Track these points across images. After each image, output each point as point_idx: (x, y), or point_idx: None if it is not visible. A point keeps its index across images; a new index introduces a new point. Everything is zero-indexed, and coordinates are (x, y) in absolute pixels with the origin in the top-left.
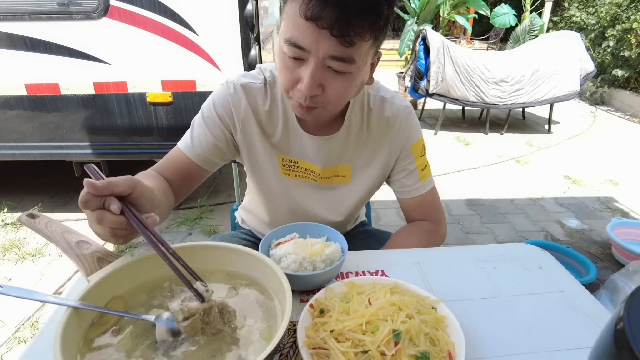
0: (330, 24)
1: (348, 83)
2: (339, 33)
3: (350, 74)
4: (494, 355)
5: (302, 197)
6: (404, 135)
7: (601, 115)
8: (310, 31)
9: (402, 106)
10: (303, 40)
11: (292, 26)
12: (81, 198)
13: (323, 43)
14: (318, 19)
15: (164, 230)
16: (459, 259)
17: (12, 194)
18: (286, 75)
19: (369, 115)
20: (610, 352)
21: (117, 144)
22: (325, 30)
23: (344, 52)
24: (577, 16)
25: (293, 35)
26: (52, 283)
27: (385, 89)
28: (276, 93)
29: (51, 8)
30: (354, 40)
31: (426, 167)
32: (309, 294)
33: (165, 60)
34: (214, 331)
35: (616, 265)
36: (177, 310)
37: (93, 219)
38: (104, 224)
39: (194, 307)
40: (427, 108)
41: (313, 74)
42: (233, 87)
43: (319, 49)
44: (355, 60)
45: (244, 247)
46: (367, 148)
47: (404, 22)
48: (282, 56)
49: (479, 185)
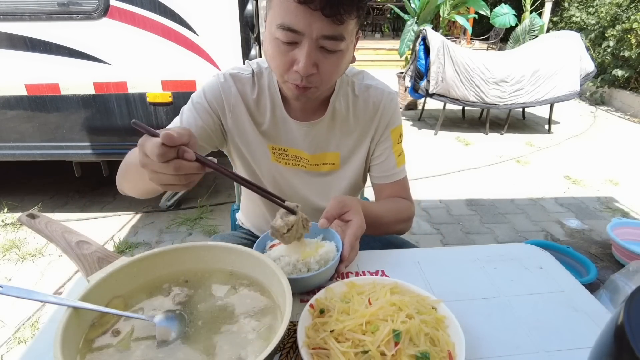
0: (322, 5)
1: (339, 60)
2: (331, 12)
3: (340, 51)
4: (494, 355)
5: (295, 185)
6: (386, 119)
7: (601, 115)
8: (303, 14)
9: (386, 91)
10: (296, 23)
11: (284, 11)
12: (157, 151)
13: (316, 24)
14: (310, 2)
15: (164, 230)
16: (459, 259)
17: (12, 194)
18: (281, 60)
19: (355, 102)
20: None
21: (117, 144)
22: (317, 12)
23: (335, 30)
24: (577, 16)
25: (286, 20)
26: (52, 283)
27: (369, 77)
28: (263, 83)
29: (51, 8)
30: (344, 18)
31: (402, 154)
32: (309, 294)
33: (165, 61)
34: (299, 236)
35: (616, 265)
36: (282, 225)
37: (170, 170)
38: (181, 172)
39: (291, 220)
40: (427, 108)
41: (309, 54)
42: (223, 77)
43: (312, 30)
44: (345, 38)
45: (244, 247)
46: (353, 135)
47: (404, 22)
48: (274, 42)
49: (479, 185)
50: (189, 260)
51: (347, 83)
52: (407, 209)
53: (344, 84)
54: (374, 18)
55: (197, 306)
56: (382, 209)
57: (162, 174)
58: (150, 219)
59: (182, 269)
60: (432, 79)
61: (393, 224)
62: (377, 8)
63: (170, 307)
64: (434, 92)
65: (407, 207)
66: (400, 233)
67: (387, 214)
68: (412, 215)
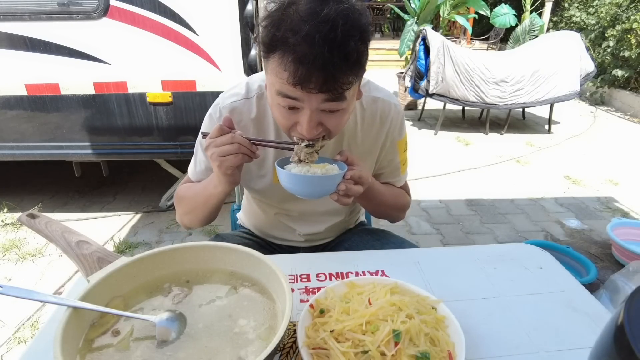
0: (319, 87)
1: (344, 115)
2: (328, 90)
3: (343, 109)
4: (494, 355)
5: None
6: (393, 132)
7: (601, 115)
8: (301, 92)
9: (392, 104)
10: (295, 96)
11: (281, 85)
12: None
13: (316, 98)
14: (307, 85)
15: (164, 230)
16: (459, 259)
17: (12, 194)
18: (284, 120)
19: (363, 115)
20: (610, 352)
21: (117, 144)
22: (314, 91)
23: (335, 102)
24: (577, 16)
25: (284, 90)
26: (52, 283)
27: (375, 88)
28: (265, 104)
29: (51, 8)
30: (345, 94)
31: (405, 162)
32: (309, 293)
33: (165, 61)
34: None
35: (616, 266)
36: (302, 145)
37: (234, 149)
38: (237, 140)
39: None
40: (427, 108)
41: (310, 119)
42: (218, 112)
43: (311, 103)
44: (347, 98)
45: (244, 247)
46: (361, 146)
47: (404, 22)
48: (275, 101)
49: (479, 185)
50: (189, 260)
51: None
52: (404, 197)
53: None
54: (374, 18)
55: (197, 306)
56: (385, 188)
57: (222, 146)
58: (150, 219)
59: (182, 269)
60: (432, 79)
61: (391, 206)
62: (377, 8)
63: (170, 307)
64: (434, 92)
65: (405, 196)
66: (393, 220)
67: (387, 193)
68: (407, 205)
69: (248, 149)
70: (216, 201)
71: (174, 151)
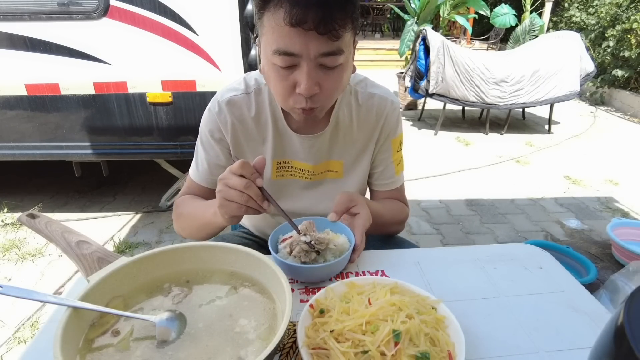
0: (316, 25)
1: (341, 75)
2: (326, 30)
3: (341, 65)
4: (494, 355)
5: (296, 195)
6: (387, 129)
7: (601, 115)
8: (298, 36)
9: (389, 100)
10: (292, 46)
11: (278, 36)
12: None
13: (312, 43)
14: (304, 23)
15: (164, 230)
16: (459, 259)
17: (12, 194)
18: (282, 85)
19: (359, 111)
20: (610, 352)
21: (117, 144)
22: (312, 32)
23: (332, 46)
24: (577, 16)
25: (281, 45)
26: (52, 283)
27: (372, 84)
28: (263, 100)
29: (51, 8)
30: (340, 33)
31: (400, 162)
32: (309, 293)
33: (165, 60)
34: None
35: (616, 266)
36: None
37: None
38: (247, 191)
39: (322, 237)
40: (427, 108)
41: (309, 74)
42: (218, 106)
43: (309, 50)
44: (343, 51)
45: (244, 247)
46: (357, 144)
47: (404, 22)
48: (273, 68)
49: (479, 185)
50: (189, 260)
51: (350, 92)
52: (402, 212)
53: (347, 94)
54: (374, 18)
55: (197, 306)
56: (383, 207)
57: (232, 189)
58: (150, 219)
59: (182, 269)
60: (432, 79)
61: (390, 223)
62: (377, 8)
63: (170, 307)
64: (434, 92)
65: (403, 209)
66: (394, 234)
67: (386, 213)
68: (406, 218)
69: (256, 204)
70: (213, 229)
71: (174, 151)
